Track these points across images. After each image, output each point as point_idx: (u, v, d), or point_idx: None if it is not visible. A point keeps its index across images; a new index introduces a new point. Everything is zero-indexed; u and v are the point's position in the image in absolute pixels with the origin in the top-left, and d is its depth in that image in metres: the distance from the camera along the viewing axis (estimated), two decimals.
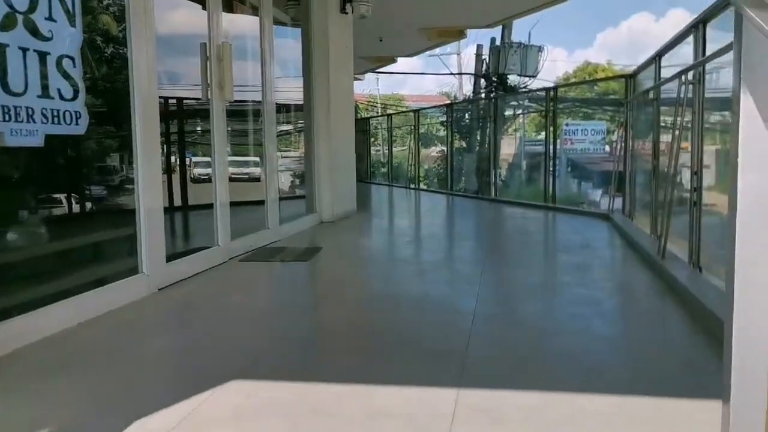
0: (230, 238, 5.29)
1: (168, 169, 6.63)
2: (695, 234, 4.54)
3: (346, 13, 7.97)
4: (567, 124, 36.83)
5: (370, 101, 57.97)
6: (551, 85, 40.09)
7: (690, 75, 4.55)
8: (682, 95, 4.57)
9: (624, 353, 2.95)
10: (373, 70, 21.11)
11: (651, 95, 6.14)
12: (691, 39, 4.73)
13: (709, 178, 4.74)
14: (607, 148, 38.23)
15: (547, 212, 8.73)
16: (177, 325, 3.53)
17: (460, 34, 14.61)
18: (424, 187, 12.94)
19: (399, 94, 58.24)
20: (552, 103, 9.20)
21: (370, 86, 42.95)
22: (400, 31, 14.18)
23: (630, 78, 7.60)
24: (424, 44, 15.47)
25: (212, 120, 5.05)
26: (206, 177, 5.38)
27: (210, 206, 5.16)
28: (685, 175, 4.90)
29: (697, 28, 4.54)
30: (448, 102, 32.58)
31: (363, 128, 15.70)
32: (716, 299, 3.47)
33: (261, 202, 6.23)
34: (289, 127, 8.31)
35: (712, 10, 4.34)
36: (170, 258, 4.33)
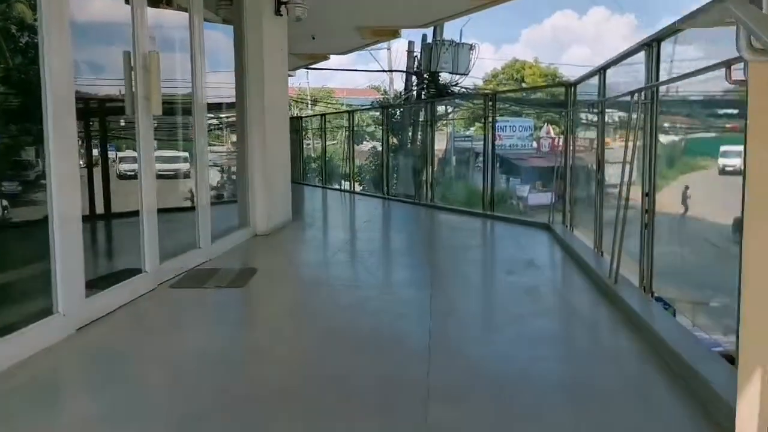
0: (159, 260, 4.85)
1: (89, 172, 6.14)
2: (647, 258, 4.41)
3: (281, 15, 7.56)
4: (496, 121, 37.29)
5: (300, 95, 57.36)
6: (480, 80, 40.00)
7: (643, 95, 4.41)
8: (635, 115, 4.43)
9: (600, 413, 2.72)
10: (304, 67, 20.66)
11: (597, 108, 6.00)
12: (642, 56, 4.58)
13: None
14: (535, 144, 38.96)
15: (486, 221, 8.56)
16: (94, 383, 3.08)
17: (394, 34, 14.35)
18: (359, 189, 12.57)
19: (329, 88, 57.75)
20: (491, 110, 9.02)
21: (300, 80, 42.15)
22: (334, 29, 13.85)
23: (570, 87, 7.49)
24: (357, 42, 15.13)
25: (138, 136, 4.59)
26: (132, 174, 4.89)
27: (135, 214, 4.67)
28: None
29: (651, 46, 4.38)
30: (382, 99, 32.43)
31: (295, 127, 15.24)
32: (680, 336, 3.32)
33: (191, 209, 5.78)
34: (220, 131, 7.88)
35: (667, 31, 4.19)
36: (90, 284, 3.88)
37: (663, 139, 4.59)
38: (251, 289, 4.82)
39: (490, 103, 9.11)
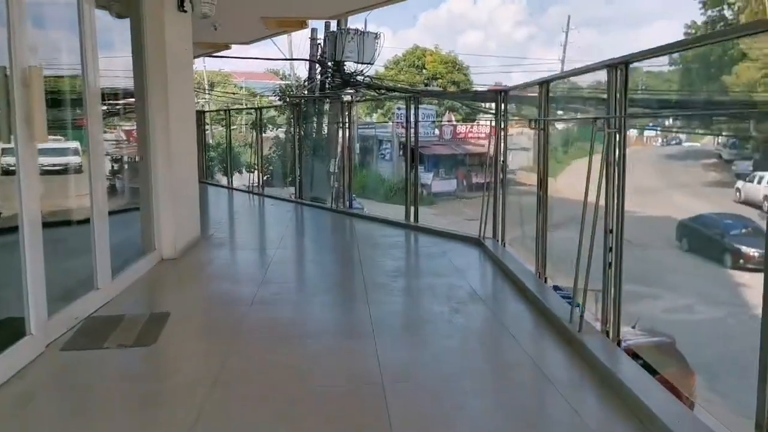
0: (47, 312, 3.98)
1: None
2: (614, 303, 3.98)
3: (185, 11, 6.68)
4: (399, 108, 36.94)
5: (196, 79, 55.07)
6: (382, 67, 39.48)
7: (610, 123, 3.94)
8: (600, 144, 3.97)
9: None
10: (205, 56, 19.43)
11: (538, 126, 5.53)
12: (603, 76, 4.11)
13: None
14: (437, 131, 38.91)
15: (410, 233, 7.99)
16: None
17: (301, 25, 13.52)
18: (269, 194, 11.71)
19: (225, 71, 55.88)
20: (414, 111, 8.45)
21: (195, 63, 40.30)
22: (237, 19, 12.96)
23: (502, 93, 7.02)
24: (262, 33, 14.21)
25: (19, 170, 3.70)
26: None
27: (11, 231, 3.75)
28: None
29: (616, 68, 3.91)
30: (284, 87, 31.24)
31: (198, 123, 14.18)
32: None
33: (85, 222, 4.84)
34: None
35: (638, 55, 3.74)
36: None
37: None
38: (164, 346, 4.04)
39: (414, 104, 8.52)
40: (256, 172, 12.11)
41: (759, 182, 32.06)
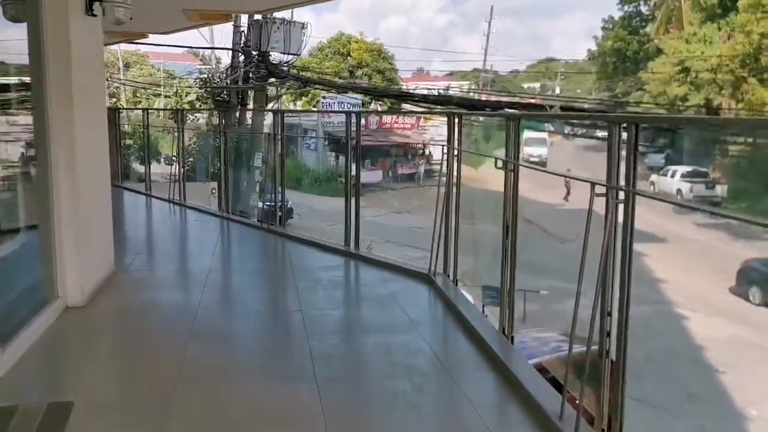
0: None
1: None
2: (618, 399, 3.36)
3: (95, 16, 5.65)
4: (324, 98, 36.00)
5: (110, 59, 52.36)
6: (307, 54, 38.36)
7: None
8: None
9: None
10: (119, 43, 17.96)
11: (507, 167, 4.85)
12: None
13: None
14: (363, 121, 38.23)
15: (350, 263, 7.22)
16: None
17: (226, 18, 12.46)
18: (192, 204, 10.61)
19: (141, 51, 53.32)
20: (356, 129, 7.65)
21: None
22: (154, 10, 11.81)
23: (453, 117, 6.33)
24: (182, 24, 13.03)
25: None
26: None
27: None
28: None
29: (619, 125, 3.27)
30: (205, 70, 29.59)
31: (112, 120, 12.92)
32: None
33: None
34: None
35: (643, 119, 3.11)
36: None
37: None
38: None
39: (353, 120, 7.71)
40: (175, 168, 10.92)
41: (672, 176, 32.93)
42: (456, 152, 6.19)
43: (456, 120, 6.27)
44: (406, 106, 26.38)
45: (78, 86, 5.40)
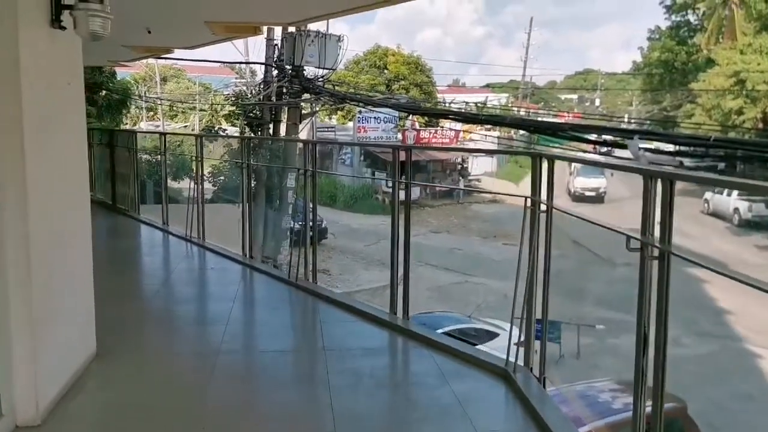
0: None
1: None
2: None
3: (63, 28, 4.15)
4: (360, 112, 34.54)
5: (148, 73, 51.90)
6: (342, 67, 37.07)
7: None
8: None
9: None
10: (144, 58, 16.68)
11: None
12: None
13: None
14: (400, 136, 36.65)
15: (400, 345, 5.56)
16: None
17: (255, 31, 10.97)
18: (212, 245, 9.07)
19: (178, 66, 52.88)
20: (409, 166, 6.02)
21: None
22: (174, 23, 10.47)
23: (541, 160, 4.69)
24: (208, 38, 11.63)
25: None
26: None
27: None
28: None
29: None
30: (239, 84, 28.29)
31: (128, 144, 11.59)
32: None
33: None
34: None
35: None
36: None
37: None
38: None
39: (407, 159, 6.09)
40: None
41: (729, 194, 30.59)
42: (544, 206, 4.53)
43: (544, 164, 4.62)
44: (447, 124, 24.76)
45: (35, 120, 3.90)
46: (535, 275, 4.55)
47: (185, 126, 48.47)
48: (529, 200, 4.61)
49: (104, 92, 22.04)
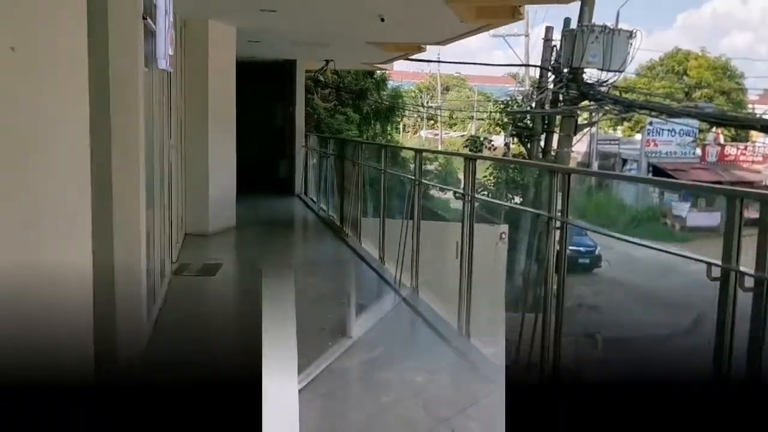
0: None
1: None
2: None
3: None
4: (651, 123, 29.58)
5: (431, 82, 52.08)
6: (633, 73, 32.47)
7: None
8: None
9: None
10: (399, 58, 14.93)
11: None
12: None
13: None
14: (698, 151, 30.73)
15: None
16: None
17: (513, 13, 8.25)
18: (428, 301, 6.44)
19: (461, 75, 52.26)
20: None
21: (431, 65, 35.63)
22: (415, 11, 8.36)
23: None
24: (457, 28, 9.25)
25: None
26: None
27: None
28: None
29: None
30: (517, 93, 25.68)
31: (340, 153, 9.85)
32: None
33: None
34: None
35: None
36: None
37: None
38: None
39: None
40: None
41: None
42: None
43: None
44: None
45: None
46: None
47: (462, 135, 47.53)
48: None
49: (371, 100, 21.04)
